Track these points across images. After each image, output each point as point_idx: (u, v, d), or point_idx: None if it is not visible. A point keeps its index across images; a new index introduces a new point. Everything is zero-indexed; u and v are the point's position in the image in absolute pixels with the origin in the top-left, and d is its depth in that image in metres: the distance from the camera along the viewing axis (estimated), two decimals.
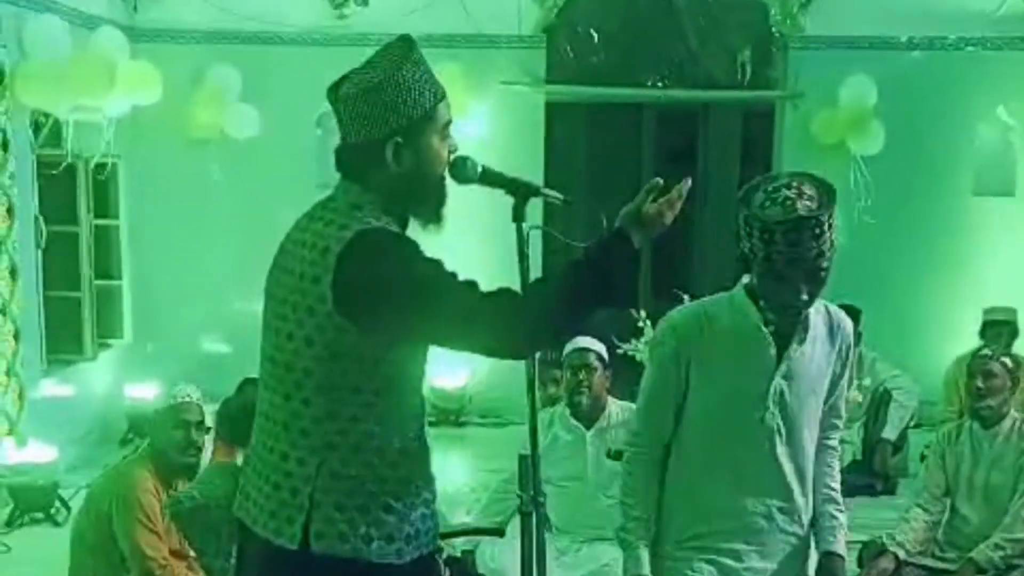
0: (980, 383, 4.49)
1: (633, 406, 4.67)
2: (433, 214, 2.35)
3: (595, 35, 8.47)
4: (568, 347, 4.69)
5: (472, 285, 2.14)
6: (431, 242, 2.27)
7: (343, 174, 2.34)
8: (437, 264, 2.17)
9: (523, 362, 2.46)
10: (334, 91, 2.31)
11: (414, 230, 2.34)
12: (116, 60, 6.51)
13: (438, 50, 7.77)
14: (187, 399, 4.14)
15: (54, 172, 6.73)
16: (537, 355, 2.52)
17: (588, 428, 4.61)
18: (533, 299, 2.22)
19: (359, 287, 2.16)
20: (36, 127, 6.70)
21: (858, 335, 4.97)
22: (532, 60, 8.30)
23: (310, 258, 2.22)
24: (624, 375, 5.14)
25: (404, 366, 2.28)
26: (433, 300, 2.12)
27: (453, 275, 2.15)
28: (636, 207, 2.24)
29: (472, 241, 2.17)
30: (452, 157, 2.35)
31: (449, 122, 2.33)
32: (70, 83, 6.18)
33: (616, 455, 4.58)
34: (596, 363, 4.63)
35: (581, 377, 4.60)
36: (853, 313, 6.10)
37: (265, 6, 7.95)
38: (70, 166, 6.91)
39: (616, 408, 4.65)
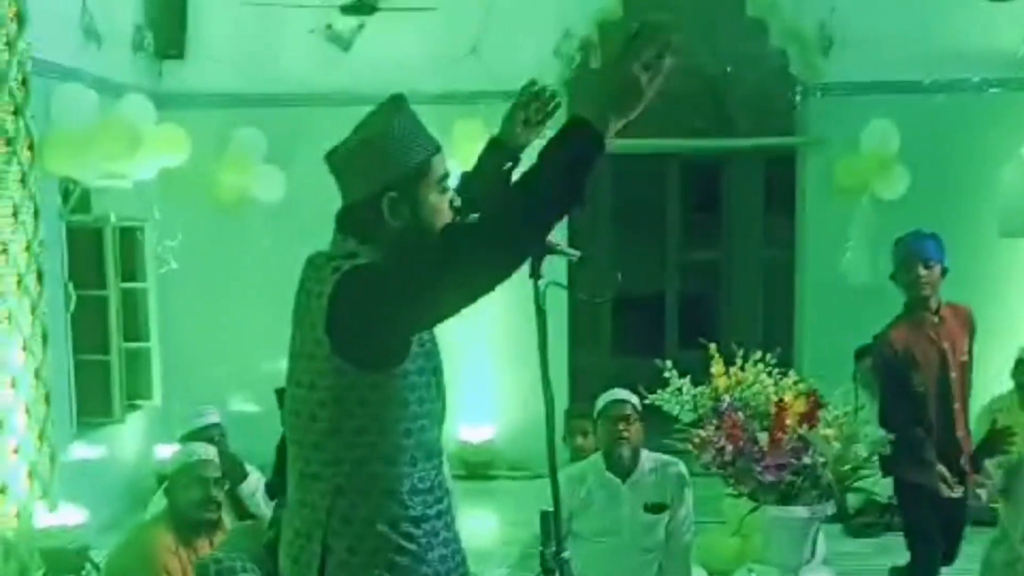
0: None
1: (665, 457, 4.62)
2: None
3: None
4: (603, 398, 4.65)
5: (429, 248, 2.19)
6: None
7: (341, 231, 2.33)
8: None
9: (545, 414, 2.43)
10: (330, 156, 2.33)
11: None
12: (142, 125, 6.59)
13: (459, 107, 7.87)
14: (204, 457, 4.21)
15: (82, 238, 6.81)
16: (554, 409, 2.47)
17: (623, 481, 4.55)
18: (490, 217, 2.17)
19: (347, 321, 2.17)
20: (65, 194, 6.81)
21: None
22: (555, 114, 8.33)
23: (307, 304, 2.26)
24: (651, 426, 5.08)
25: (408, 405, 2.26)
26: (405, 282, 2.13)
27: (408, 252, 2.19)
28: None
29: (492, 296, 2.16)
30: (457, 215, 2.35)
31: (446, 175, 2.33)
32: (96, 150, 6.24)
33: (653, 508, 4.53)
34: (633, 413, 4.56)
35: (620, 428, 4.53)
36: None
37: (287, 69, 8.06)
38: (97, 231, 6.98)
39: (649, 460, 4.59)
